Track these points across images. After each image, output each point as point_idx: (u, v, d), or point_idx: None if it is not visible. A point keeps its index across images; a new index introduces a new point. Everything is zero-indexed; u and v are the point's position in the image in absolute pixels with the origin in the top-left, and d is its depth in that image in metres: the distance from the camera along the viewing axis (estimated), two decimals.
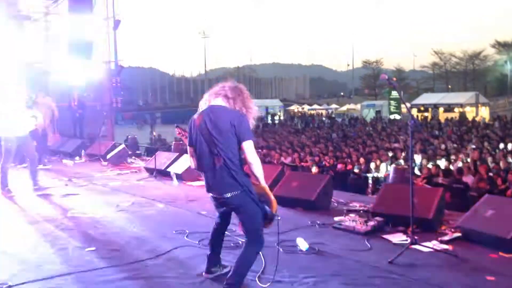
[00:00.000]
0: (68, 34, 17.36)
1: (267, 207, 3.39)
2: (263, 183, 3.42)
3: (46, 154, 11.41)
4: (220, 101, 3.45)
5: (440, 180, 10.20)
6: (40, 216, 6.01)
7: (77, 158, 12.01)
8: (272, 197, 3.42)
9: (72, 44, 17.41)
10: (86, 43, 17.26)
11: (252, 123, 3.47)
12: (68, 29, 16.94)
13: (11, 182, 7.81)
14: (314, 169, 11.80)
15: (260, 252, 4.06)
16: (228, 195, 3.37)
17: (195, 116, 3.51)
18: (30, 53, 18.39)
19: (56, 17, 17.98)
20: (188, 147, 3.60)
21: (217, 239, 3.79)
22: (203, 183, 7.46)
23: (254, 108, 3.53)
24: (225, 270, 3.79)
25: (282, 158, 14.23)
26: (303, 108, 59.20)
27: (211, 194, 3.54)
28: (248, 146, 3.31)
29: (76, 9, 16.99)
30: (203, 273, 3.83)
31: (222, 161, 3.33)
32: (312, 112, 54.81)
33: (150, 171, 9.41)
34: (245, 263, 3.40)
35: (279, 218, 3.49)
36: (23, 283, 3.70)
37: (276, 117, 46.80)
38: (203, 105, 3.54)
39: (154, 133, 11.96)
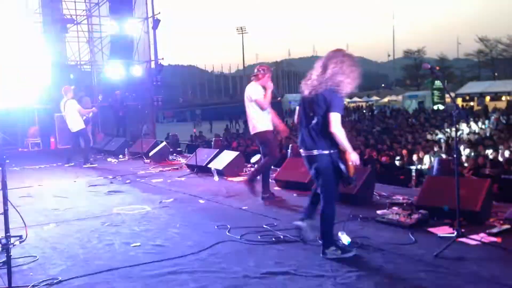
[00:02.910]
0: (110, 35, 17.81)
1: (345, 171, 3.93)
2: (349, 149, 3.92)
3: (91, 153, 11.75)
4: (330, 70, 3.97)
5: (487, 171, 9.89)
6: (86, 213, 6.20)
7: (120, 156, 12.31)
8: (351, 162, 3.94)
9: (114, 45, 17.87)
10: (127, 44, 17.66)
11: (347, 91, 4.00)
12: (109, 30, 17.35)
13: (58, 180, 8.05)
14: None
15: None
16: (315, 152, 4.01)
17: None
18: (74, 55, 19.01)
19: (98, 19, 18.46)
20: (298, 107, 4.34)
21: (316, 196, 4.29)
22: (243, 178, 7.65)
23: (354, 75, 4.00)
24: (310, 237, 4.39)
25: None
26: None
27: (302, 151, 4.16)
28: (334, 118, 3.87)
29: (117, 10, 17.41)
30: (297, 221, 4.41)
31: (315, 121, 3.98)
32: (352, 104, 54.03)
33: (191, 167, 9.53)
34: (326, 219, 4.02)
35: (354, 181, 4.09)
36: (72, 278, 3.82)
37: None
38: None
39: (194, 130, 12.07)
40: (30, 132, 15.28)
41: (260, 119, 6.41)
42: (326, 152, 3.96)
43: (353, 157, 3.96)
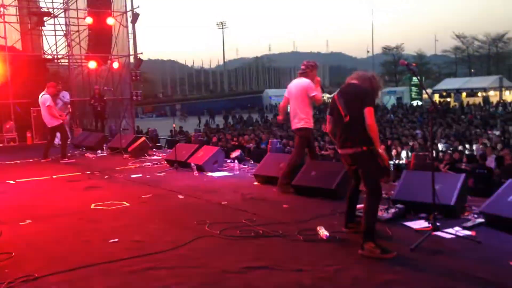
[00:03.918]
0: (88, 29, 17.56)
1: (382, 163, 4.13)
2: (377, 143, 4.14)
3: (69, 148, 11.60)
4: (355, 81, 4.39)
5: (463, 165, 10.08)
6: (64, 209, 6.13)
7: (99, 151, 12.18)
8: (384, 156, 4.18)
9: (92, 39, 17.62)
10: (106, 38, 17.42)
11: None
12: (87, 24, 17.10)
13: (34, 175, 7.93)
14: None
15: None
16: (350, 151, 4.19)
17: (335, 92, 4.46)
18: (51, 48, 18.70)
19: (76, 12, 18.18)
20: (327, 116, 4.58)
21: (353, 197, 4.56)
22: (223, 174, 7.66)
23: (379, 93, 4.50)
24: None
25: None
26: (323, 97, 58.73)
27: (340, 151, 4.37)
28: (368, 112, 4.08)
29: (95, 4, 17.17)
30: (342, 228, 4.58)
31: (349, 120, 4.17)
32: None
33: (170, 163, 9.49)
34: (370, 212, 4.07)
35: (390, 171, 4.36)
36: (48, 275, 3.77)
37: None
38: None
39: (174, 125, 12.00)
40: (6, 127, 14.99)
41: (310, 116, 6.53)
42: (365, 148, 4.13)
43: (381, 149, 4.22)
